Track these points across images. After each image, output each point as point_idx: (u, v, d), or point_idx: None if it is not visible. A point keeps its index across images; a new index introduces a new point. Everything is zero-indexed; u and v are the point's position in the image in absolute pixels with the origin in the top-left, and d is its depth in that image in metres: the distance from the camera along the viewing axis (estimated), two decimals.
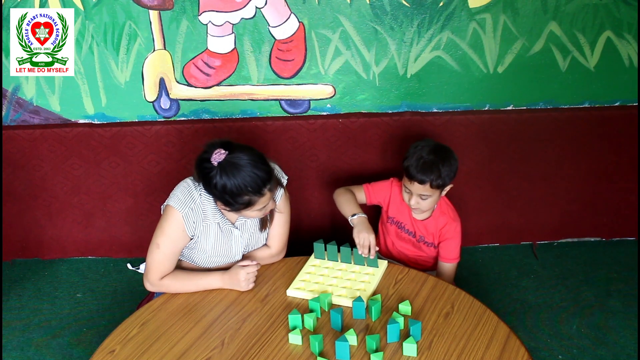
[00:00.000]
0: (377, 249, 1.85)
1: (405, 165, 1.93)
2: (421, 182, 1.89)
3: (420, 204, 1.95)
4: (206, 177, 1.63)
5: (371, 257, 1.80)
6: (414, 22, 2.41)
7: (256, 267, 1.75)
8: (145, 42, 2.41)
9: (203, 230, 1.76)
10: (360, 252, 1.81)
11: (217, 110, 2.54)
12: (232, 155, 1.61)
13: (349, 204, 1.99)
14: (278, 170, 1.86)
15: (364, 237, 1.82)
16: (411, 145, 1.98)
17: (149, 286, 1.77)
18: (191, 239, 1.77)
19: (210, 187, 1.64)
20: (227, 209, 1.68)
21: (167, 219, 1.72)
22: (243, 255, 1.88)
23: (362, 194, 2.10)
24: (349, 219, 1.92)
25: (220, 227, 1.78)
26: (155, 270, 1.75)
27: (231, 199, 1.63)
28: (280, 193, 1.84)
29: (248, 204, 1.65)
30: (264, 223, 1.84)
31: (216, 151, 1.61)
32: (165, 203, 1.76)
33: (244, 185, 1.60)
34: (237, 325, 1.59)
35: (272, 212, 1.84)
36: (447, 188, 1.97)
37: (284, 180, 1.86)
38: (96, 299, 2.53)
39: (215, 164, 1.60)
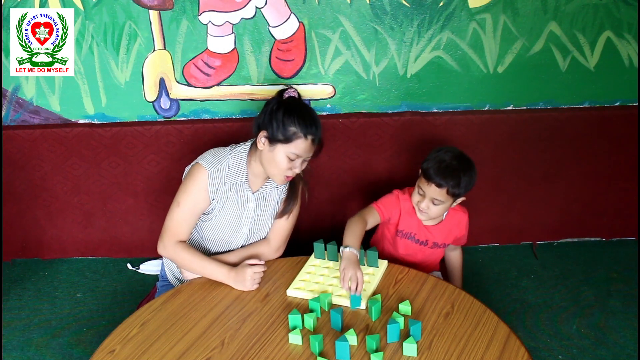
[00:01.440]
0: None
1: (425, 167, 1.88)
2: (439, 185, 1.84)
3: (430, 209, 1.89)
4: (270, 104, 1.77)
5: (357, 294, 1.65)
6: (414, 22, 2.41)
7: (263, 267, 1.76)
8: (145, 42, 2.41)
9: (223, 194, 1.81)
10: (342, 286, 1.68)
11: (217, 110, 2.54)
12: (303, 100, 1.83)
13: (350, 235, 1.82)
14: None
15: (351, 273, 1.66)
16: (433, 149, 1.94)
17: (162, 249, 1.82)
18: (209, 205, 1.82)
19: (269, 107, 1.76)
20: (270, 136, 1.74)
21: (193, 176, 1.79)
22: (244, 245, 1.91)
23: (375, 214, 1.97)
24: (340, 248, 1.78)
25: (238, 194, 1.83)
26: (173, 232, 1.80)
27: (281, 121, 1.72)
28: (300, 184, 1.93)
29: (290, 138, 1.72)
30: (284, 211, 1.90)
31: (290, 90, 1.82)
32: (192, 163, 1.82)
33: (300, 115, 1.73)
34: (237, 325, 1.60)
35: (293, 202, 1.91)
36: (459, 200, 1.93)
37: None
38: (96, 299, 2.53)
39: (287, 96, 1.80)
